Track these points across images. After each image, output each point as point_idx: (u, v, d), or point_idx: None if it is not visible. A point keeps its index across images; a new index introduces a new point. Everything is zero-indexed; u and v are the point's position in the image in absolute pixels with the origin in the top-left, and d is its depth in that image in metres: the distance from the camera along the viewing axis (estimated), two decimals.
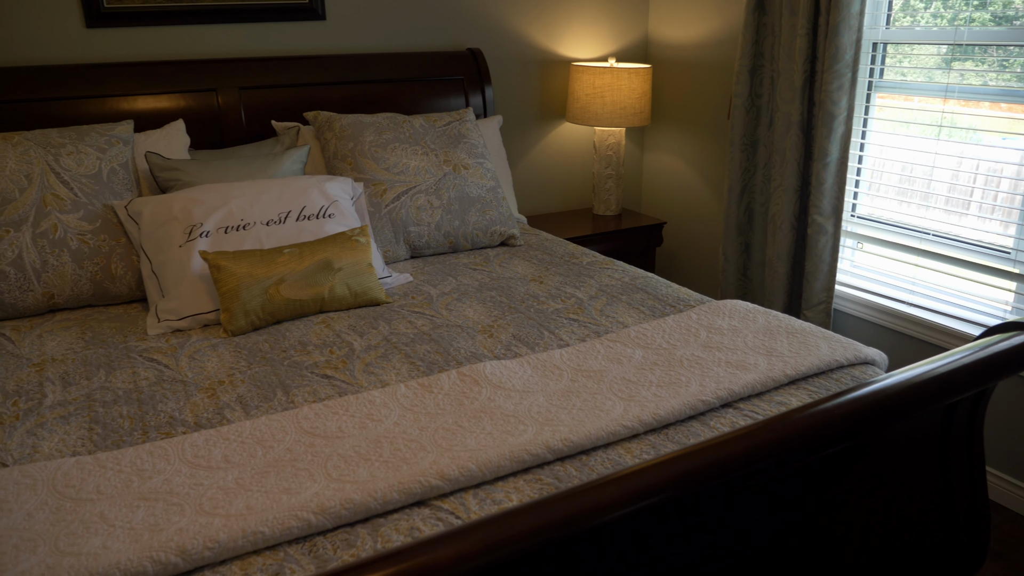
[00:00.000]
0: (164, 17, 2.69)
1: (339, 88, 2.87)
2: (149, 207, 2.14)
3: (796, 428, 1.24)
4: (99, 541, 1.14)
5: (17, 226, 2.06)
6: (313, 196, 2.25)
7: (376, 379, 1.71)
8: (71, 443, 1.46)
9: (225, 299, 1.94)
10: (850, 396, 1.29)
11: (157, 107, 2.62)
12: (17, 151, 2.14)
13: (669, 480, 1.12)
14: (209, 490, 1.28)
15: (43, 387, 1.67)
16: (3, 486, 1.27)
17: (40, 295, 2.06)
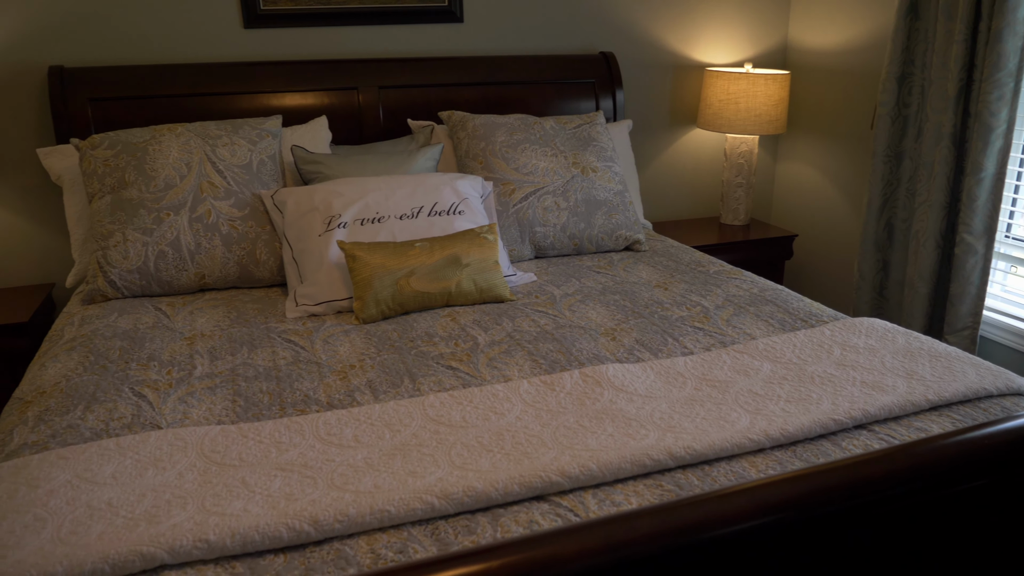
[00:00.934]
0: (312, 19, 2.84)
1: (473, 89, 2.94)
2: (293, 197, 2.26)
3: (940, 455, 1.17)
4: (240, 504, 1.22)
5: (177, 210, 2.22)
6: (445, 193, 2.31)
7: (499, 373, 1.74)
8: (216, 412, 1.57)
9: (359, 288, 2.03)
10: (1001, 427, 1.21)
11: (303, 104, 2.77)
12: (180, 141, 2.31)
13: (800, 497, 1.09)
14: (340, 467, 1.34)
15: (193, 359, 1.80)
16: (159, 446, 1.38)
17: (193, 275, 2.22)
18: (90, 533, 1.15)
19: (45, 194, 2.71)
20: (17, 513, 1.19)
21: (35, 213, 2.72)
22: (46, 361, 1.82)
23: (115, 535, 1.14)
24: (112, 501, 1.22)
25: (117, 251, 2.17)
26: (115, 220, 2.20)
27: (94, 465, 1.32)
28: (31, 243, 2.74)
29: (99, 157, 2.28)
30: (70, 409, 1.56)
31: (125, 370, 1.74)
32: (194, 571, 1.11)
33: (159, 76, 2.64)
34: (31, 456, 1.36)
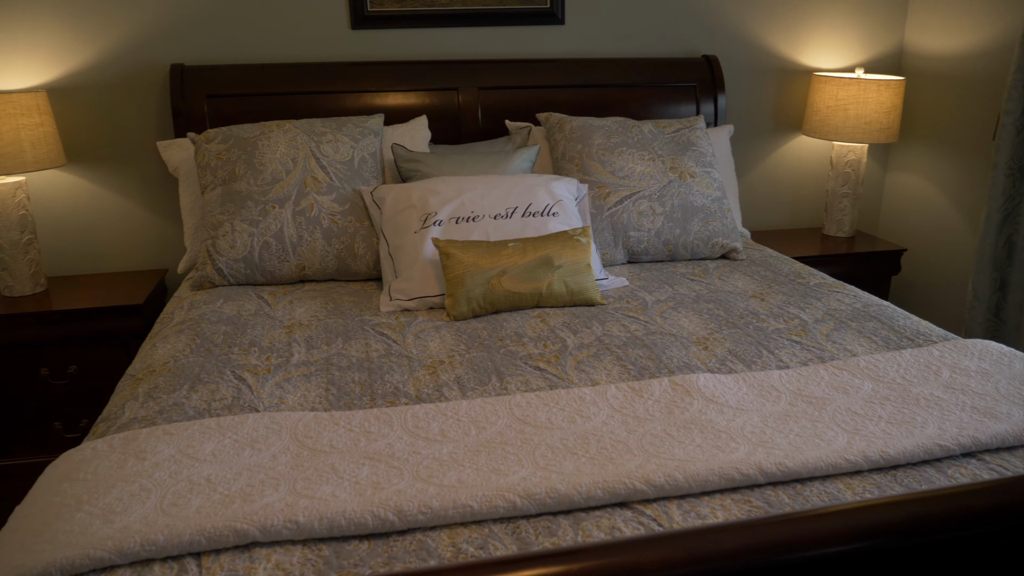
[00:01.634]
0: (416, 20, 2.90)
1: (571, 91, 2.93)
2: (391, 194, 2.31)
3: None
4: (329, 489, 1.25)
5: (281, 203, 2.31)
6: (540, 194, 2.31)
7: (587, 377, 1.73)
8: (310, 399, 1.62)
9: (451, 285, 2.05)
10: None
11: (405, 103, 2.83)
12: (287, 137, 2.41)
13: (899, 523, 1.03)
14: (425, 459, 1.36)
15: (291, 347, 1.87)
16: (256, 428, 1.44)
17: (294, 266, 2.31)
18: (189, 506, 1.20)
19: (163, 184, 2.87)
20: (126, 482, 1.27)
21: (153, 202, 2.88)
22: (157, 342, 1.93)
23: (212, 510, 1.19)
24: (211, 477, 1.28)
25: (225, 240, 2.28)
26: (225, 211, 2.30)
27: (196, 442, 1.39)
28: (148, 230, 2.91)
29: (212, 151, 2.40)
30: (176, 388, 1.65)
31: (228, 354, 1.82)
32: (283, 550, 1.15)
33: (270, 75, 2.75)
34: (140, 430, 1.44)
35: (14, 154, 2.46)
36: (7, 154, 2.45)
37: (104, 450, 1.38)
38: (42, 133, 2.54)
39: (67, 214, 2.85)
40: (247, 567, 1.11)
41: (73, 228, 2.86)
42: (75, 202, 2.84)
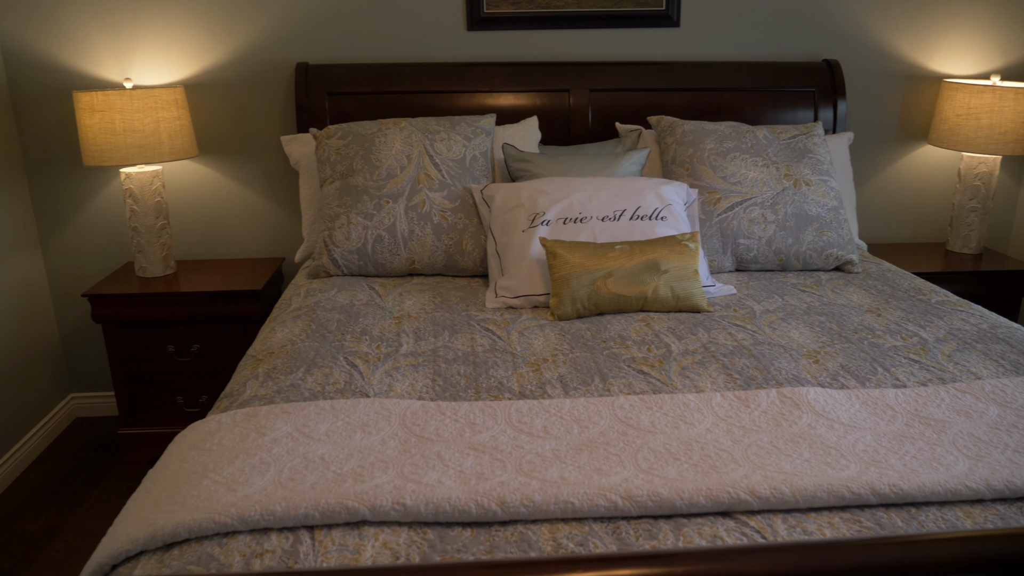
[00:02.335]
0: (531, 22, 2.93)
1: (683, 94, 2.90)
2: (501, 193, 2.35)
3: None
4: (435, 476, 1.29)
5: (395, 198, 2.39)
6: (648, 197, 2.30)
7: (691, 383, 1.71)
8: (418, 388, 1.67)
9: (556, 285, 2.07)
10: None
11: (516, 104, 2.87)
12: (403, 135, 2.48)
13: None
14: (528, 454, 1.38)
15: (400, 338, 1.93)
16: (367, 413, 1.49)
17: (404, 260, 2.38)
18: (305, 481, 1.26)
19: (283, 177, 3.01)
20: (247, 454, 1.34)
21: (274, 193, 3.03)
22: (275, 326, 2.03)
23: (325, 487, 1.25)
24: (325, 456, 1.34)
25: (341, 232, 2.37)
26: (342, 204, 2.40)
27: (311, 422, 1.46)
28: (268, 220, 3.06)
29: (332, 146, 2.50)
30: (293, 370, 1.73)
31: (341, 340, 1.90)
32: (390, 531, 1.19)
33: (388, 74, 2.84)
34: (260, 407, 1.53)
35: (153, 145, 2.64)
36: (147, 145, 2.63)
37: (228, 423, 1.46)
38: (179, 126, 2.72)
39: (196, 202, 3.03)
40: (356, 543, 1.16)
41: (201, 215, 3.05)
42: (204, 191, 3.03)
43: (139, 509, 1.25)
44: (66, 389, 3.24)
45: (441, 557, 1.14)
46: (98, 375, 3.24)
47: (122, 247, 3.08)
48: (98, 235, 3.06)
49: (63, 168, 2.99)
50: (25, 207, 2.98)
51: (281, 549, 1.15)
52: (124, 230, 3.05)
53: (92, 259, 3.09)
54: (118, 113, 2.59)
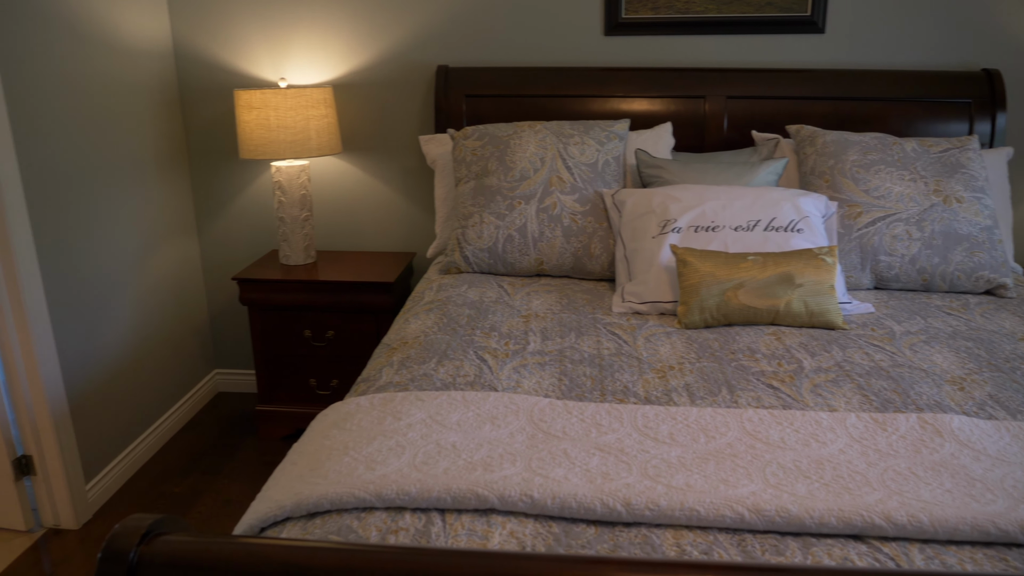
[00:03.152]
0: (668, 27, 2.91)
1: (825, 103, 2.80)
2: (632, 198, 2.35)
3: None
4: (561, 472, 1.32)
5: (527, 200, 2.44)
6: (785, 208, 2.24)
7: (823, 402, 1.66)
8: (544, 387, 1.71)
9: (685, 293, 2.06)
10: None
11: (650, 109, 2.86)
12: (537, 138, 2.53)
13: None
14: (654, 459, 1.38)
15: (527, 336, 1.97)
16: (496, 406, 1.54)
17: (533, 260, 2.43)
18: (437, 466, 1.32)
19: (419, 175, 3.13)
20: (384, 437, 1.42)
21: (409, 191, 3.16)
22: (409, 317, 2.12)
23: (457, 473, 1.30)
24: (456, 444, 1.40)
25: (474, 231, 2.44)
26: (476, 203, 2.47)
27: (443, 411, 1.52)
28: (402, 216, 3.19)
29: (469, 147, 2.58)
30: (426, 360, 1.81)
31: (471, 335, 1.96)
32: (517, 521, 1.23)
33: (524, 77, 2.90)
34: (395, 393, 1.60)
35: (303, 141, 2.81)
36: (297, 141, 2.80)
37: (366, 406, 1.55)
38: (326, 123, 2.88)
39: (337, 196, 3.20)
40: (484, 530, 1.21)
41: (341, 209, 3.21)
42: (344, 186, 3.19)
43: (286, 479, 1.34)
44: (212, 365, 3.49)
45: (565, 551, 1.17)
46: (240, 354, 3.47)
47: (268, 235, 3.29)
48: (247, 223, 3.28)
49: (220, 160, 3.22)
50: (186, 195, 3.24)
51: (415, 528, 1.21)
52: (271, 220, 3.26)
53: (241, 245, 3.31)
54: (273, 111, 2.77)
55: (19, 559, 2.44)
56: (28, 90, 2.36)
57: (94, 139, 2.66)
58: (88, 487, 2.65)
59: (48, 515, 2.58)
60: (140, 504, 2.71)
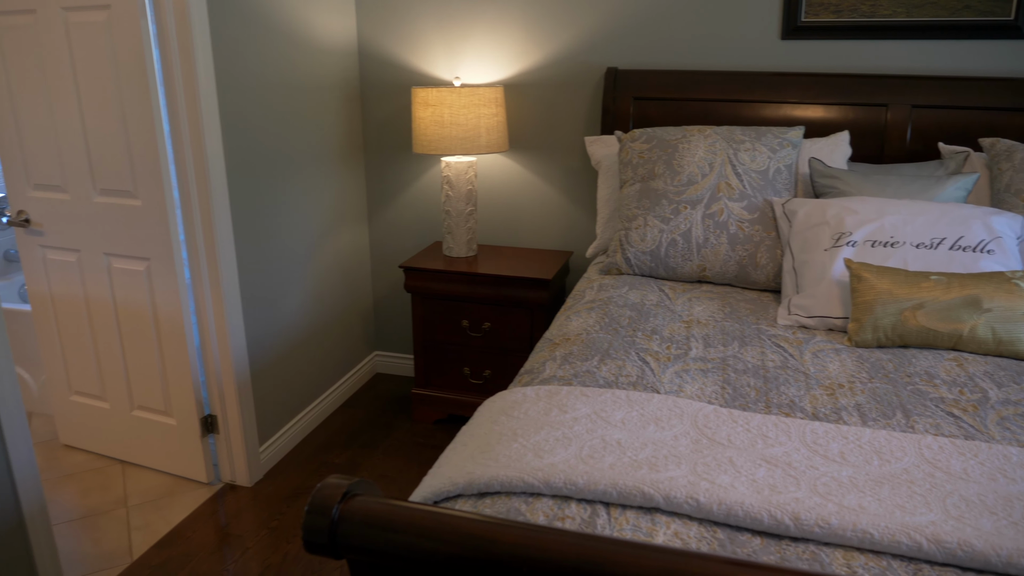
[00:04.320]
0: (851, 32, 2.79)
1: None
2: (804, 208, 2.28)
3: None
4: (727, 479, 1.32)
5: (693, 205, 2.42)
6: (974, 227, 2.11)
7: (1012, 436, 1.55)
8: (707, 393, 1.70)
9: (858, 310, 1.98)
10: None
11: (826, 116, 2.76)
12: (707, 142, 2.50)
13: None
14: (823, 476, 1.35)
15: (689, 341, 1.97)
16: (660, 408, 1.55)
17: (695, 266, 2.41)
18: (603, 461, 1.35)
19: (581, 175, 3.17)
20: (551, 427, 1.47)
21: (570, 190, 3.21)
22: (570, 315, 2.16)
23: (622, 469, 1.33)
24: (621, 441, 1.42)
25: (637, 233, 2.46)
26: (640, 206, 2.48)
27: (608, 408, 1.55)
28: (562, 215, 3.24)
29: (636, 149, 2.59)
30: (588, 357, 1.84)
31: (632, 336, 1.98)
32: (681, 522, 1.24)
33: (694, 81, 2.87)
34: (560, 387, 1.65)
35: (472, 138, 2.92)
36: (468, 138, 2.91)
37: (532, 397, 1.60)
38: (496, 122, 2.98)
39: (500, 192, 3.30)
40: (649, 527, 1.23)
41: (503, 205, 3.31)
42: (508, 183, 3.28)
43: (457, 458, 1.42)
44: (372, 346, 3.69)
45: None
46: (398, 338, 3.66)
47: (432, 227, 3.44)
48: (413, 214, 3.45)
49: (393, 153, 3.41)
50: (360, 185, 3.45)
51: (580, 518, 1.25)
52: (436, 212, 3.40)
53: (406, 235, 3.49)
54: (447, 108, 2.90)
55: (199, 508, 2.70)
56: (236, 84, 2.60)
57: (286, 130, 2.89)
58: (261, 449, 2.88)
59: (226, 471, 2.83)
60: (305, 470, 2.92)
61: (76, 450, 3.07)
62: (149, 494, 2.78)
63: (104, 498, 2.75)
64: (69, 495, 2.78)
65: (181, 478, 2.86)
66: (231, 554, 2.45)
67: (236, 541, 2.51)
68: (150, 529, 2.58)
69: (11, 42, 2.57)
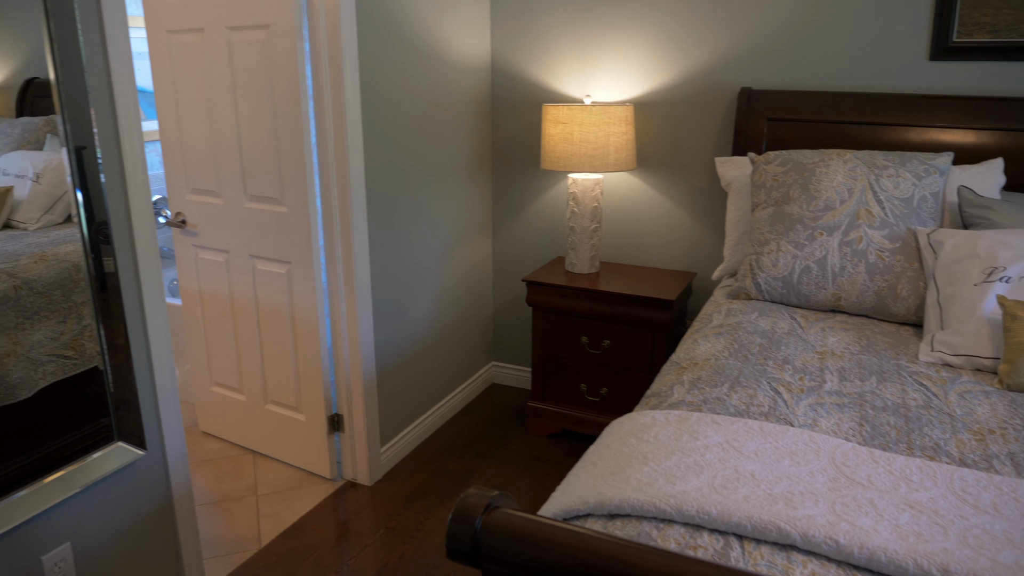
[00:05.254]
0: (1007, 52, 2.63)
1: None
2: (952, 240, 2.17)
3: None
4: (869, 522, 1.27)
5: (830, 231, 2.34)
6: None
7: None
8: (843, 429, 1.64)
9: (1011, 351, 1.86)
10: None
11: (977, 142, 2.61)
12: (846, 167, 2.42)
13: None
14: (974, 528, 1.28)
15: (823, 374, 1.90)
16: (795, 442, 1.52)
17: (830, 295, 2.33)
18: (736, 493, 1.33)
19: (708, 196, 3.13)
20: (682, 454, 1.46)
21: (696, 211, 3.17)
22: (698, 338, 2.14)
23: (757, 502, 1.30)
24: (755, 474, 1.40)
25: (769, 258, 2.40)
26: (773, 231, 2.43)
27: (740, 438, 1.52)
28: (686, 235, 3.21)
29: (769, 172, 2.54)
30: (718, 384, 1.82)
31: (763, 365, 1.94)
32: (818, 562, 1.21)
33: (832, 102, 2.78)
34: (689, 412, 1.64)
35: (601, 156, 2.93)
36: (596, 155, 2.93)
37: (662, 421, 1.60)
38: (624, 140, 2.98)
39: (625, 210, 3.30)
40: (785, 565, 1.20)
41: (627, 223, 3.31)
42: (633, 201, 3.28)
43: (587, 477, 1.43)
44: (490, 357, 3.76)
45: None
46: (515, 350, 3.71)
47: (555, 242, 3.47)
48: (536, 229, 3.49)
49: (520, 168, 3.47)
50: (486, 198, 3.53)
51: (713, 548, 1.23)
52: (561, 228, 3.44)
53: (529, 249, 3.54)
54: (577, 126, 2.93)
55: (322, 503, 2.82)
56: (377, 99, 2.72)
57: (421, 144, 3.00)
58: (383, 450, 2.99)
59: (349, 469, 2.95)
60: (423, 473, 3.01)
61: (213, 437, 3.27)
62: (277, 484, 2.93)
63: (236, 485, 2.93)
64: (206, 479, 2.97)
65: (307, 472, 3.00)
66: (350, 550, 2.55)
67: (355, 538, 2.62)
68: (277, 518, 2.73)
69: (181, 58, 2.79)
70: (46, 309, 1.82)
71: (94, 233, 1.90)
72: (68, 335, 1.87)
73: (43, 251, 1.81)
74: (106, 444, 1.98)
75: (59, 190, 1.82)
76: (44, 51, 1.73)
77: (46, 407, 1.83)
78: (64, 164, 1.81)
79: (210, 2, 2.64)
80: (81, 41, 1.79)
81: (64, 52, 1.75)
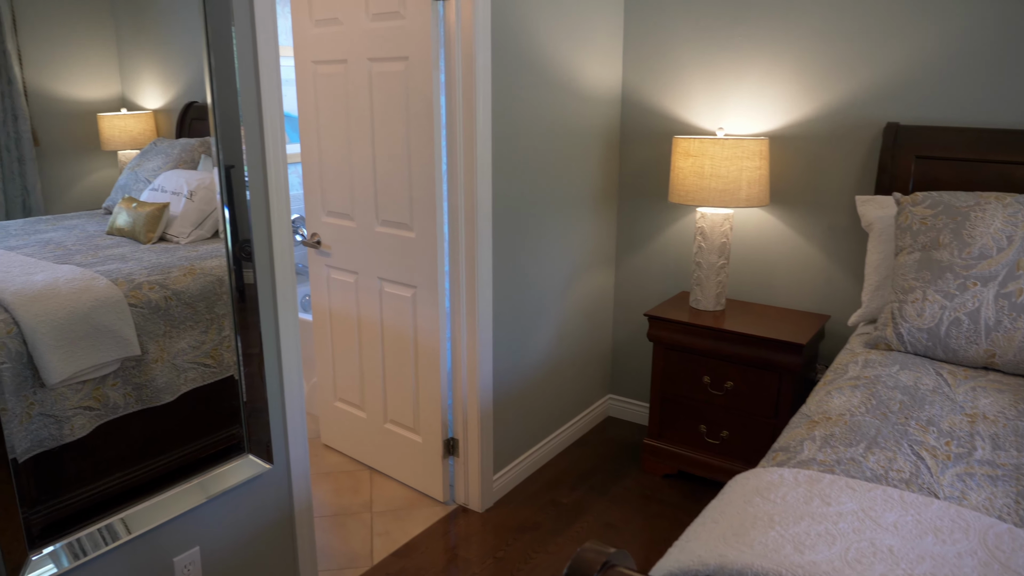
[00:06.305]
0: None
1: None
2: None
3: None
4: None
5: (985, 282, 2.16)
6: None
7: None
8: (996, 506, 1.49)
9: None
10: None
11: None
12: (1006, 212, 2.23)
13: None
14: None
15: (973, 439, 1.75)
16: (940, 517, 1.39)
17: (982, 351, 2.14)
18: (873, 569, 1.24)
19: (846, 236, 2.97)
20: (812, 519, 1.37)
21: (832, 251, 3.01)
22: (832, 390, 2.02)
23: None
24: (893, 549, 1.29)
25: (913, 307, 2.24)
26: (919, 278, 2.26)
27: (878, 507, 1.41)
28: (820, 276, 3.05)
29: (917, 214, 2.38)
30: (853, 443, 1.70)
31: (904, 425, 1.80)
32: None
33: (992, 141, 2.58)
34: (821, 473, 1.54)
35: (732, 191, 2.84)
36: (727, 190, 2.84)
37: (791, 481, 1.51)
38: (758, 175, 2.88)
39: (754, 247, 3.18)
40: None
41: (756, 260, 3.19)
42: (764, 238, 3.15)
43: (707, 536, 1.37)
44: (606, 390, 3.71)
45: None
46: (633, 384, 3.64)
47: (680, 277, 3.39)
48: (660, 263, 3.42)
49: (646, 200, 3.41)
50: (611, 230, 3.49)
51: None
52: (686, 262, 3.36)
53: (651, 283, 3.47)
54: (708, 159, 2.85)
55: (434, 526, 2.85)
56: (507, 131, 2.75)
57: (547, 174, 3.01)
58: (495, 477, 3.00)
59: (461, 494, 2.97)
60: (534, 504, 2.99)
61: (333, 451, 3.39)
62: (392, 503, 2.99)
63: (353, 500, 3.01)
64: (325, 492, 3.07)
65: (420, 493, 3.05)
66: None
67: (464, 564, 2.62)
68: (389, 537, 2.78)
69: (324, 88, 2.93)
70: (191, 319, 1.93)
71: (238, 249, 2.01)
72: (209, 344, 1.98)
73: (191, 264, 1.93)
74: (237, 454, 2.08)
75: (209, 207, 1.93)
76: (203, 78, 1.86)
77: (184, 412, 1.94)
78: (215, 183, 1.93)
79: (355, 35, 2.76)
80: (237, 69, 1.90)
81: (221, 78, 1.87)
